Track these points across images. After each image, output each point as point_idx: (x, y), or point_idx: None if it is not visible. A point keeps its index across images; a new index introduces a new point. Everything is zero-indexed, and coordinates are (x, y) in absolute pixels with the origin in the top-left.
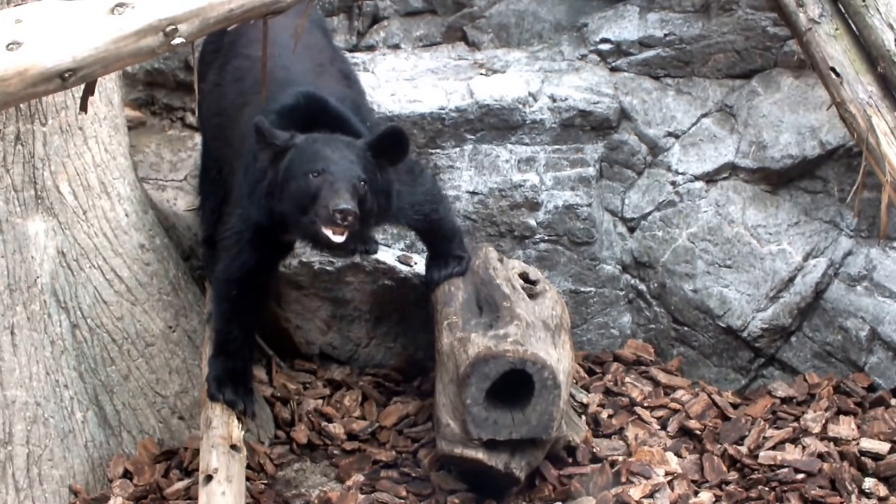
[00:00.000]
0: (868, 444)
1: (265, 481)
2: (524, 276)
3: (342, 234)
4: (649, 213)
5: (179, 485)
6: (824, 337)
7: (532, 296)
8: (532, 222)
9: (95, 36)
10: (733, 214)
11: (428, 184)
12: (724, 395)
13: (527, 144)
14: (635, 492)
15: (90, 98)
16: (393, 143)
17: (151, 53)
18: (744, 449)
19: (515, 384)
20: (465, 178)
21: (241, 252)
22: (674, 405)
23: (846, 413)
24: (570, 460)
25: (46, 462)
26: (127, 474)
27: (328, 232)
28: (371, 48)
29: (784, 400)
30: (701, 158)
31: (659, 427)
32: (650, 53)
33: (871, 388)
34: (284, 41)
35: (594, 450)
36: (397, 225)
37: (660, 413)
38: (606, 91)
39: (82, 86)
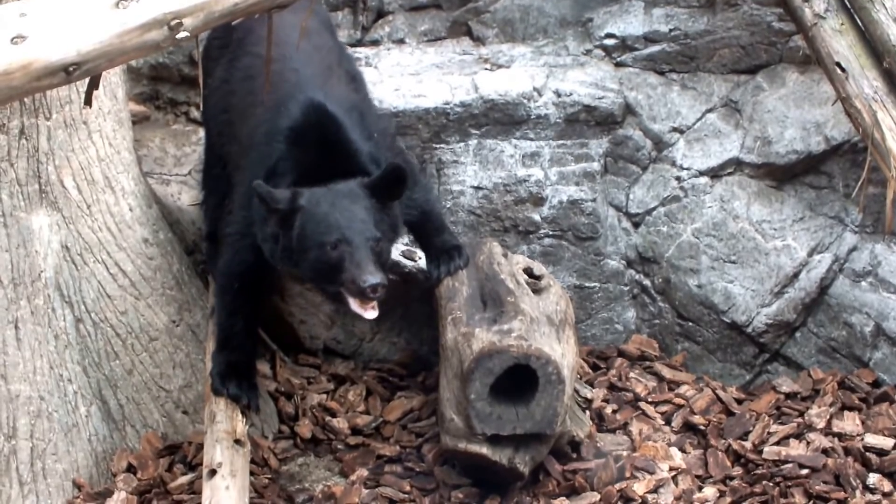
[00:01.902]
0: (872, 439)
1: (269, 476)
2: (528, 271)
3: (374, 308)
4: (654, 209)
5: (183, 479)
6: (829, 332)
7: (536, 291)
8: (536, 217)
9: (100, 30)
10: (738, 210)
11: (421, 179)
12: (728, 391)
13: (531, 139)
14: (639, 487)
15: (94, 92)
16: (394, 182)
17: (156, 48)
18: (748, 444)
19: (519, 379)
20: (469, 173)
21: (245, 249)
22: (678, 400)
23: (850, 409)
24: (574, 455)
25: (50, 456)
26: (130, 468)
27: (359, 309)
28: (375, 43)
29: (788, 395)
30: (706, 154)
31: (663, 422)
32: (655, 48)
33: (876, 383)
34: (294, 41)
35: (598, 445)
36: None
37: (664, 408)
38: (611, 86)
39: (87, 80)
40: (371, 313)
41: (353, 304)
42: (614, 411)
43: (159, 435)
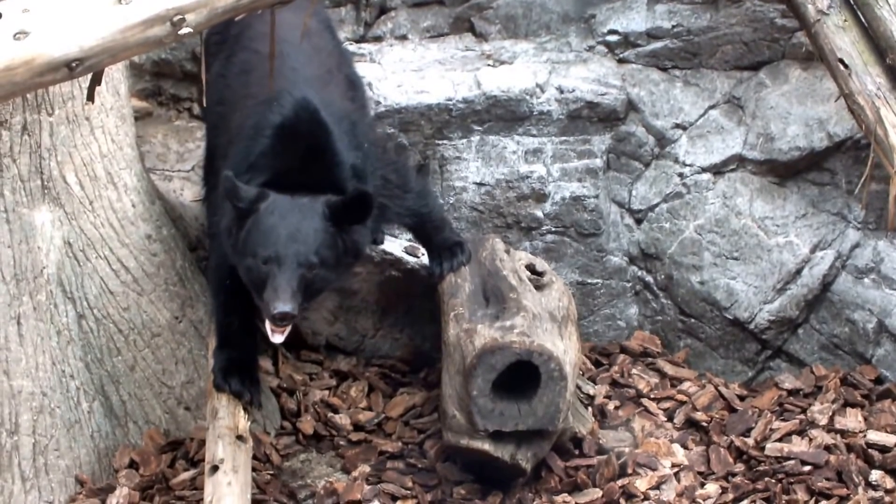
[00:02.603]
0: (875, 436)
1: (271, 472)
2: (531, 268)
3: (282, 334)
4: (656, 205)
5: (185, 475)
6: (831, 329)
7: (539, 287)
8: (539, 214)
9: (102, 25)
10: (740, 206)
11: (418, 186)
12: (730, 387)
13: (534, 136)
14: (641, 483)
15: (97, 88)
16: (356, 208)
17: (158, 43)
18: (750, 441)
19: (522, 375)
20: (472, 170)
21: None
22: (680, 397)
23: (853, 405)
24: (577, 452)
25: (52, 452)
26: (133, 464)
27: (269, 329)
28: (378, 39)
29: (791, 392)
30: (708, 150)
31: (665, 419)
32: (658, 45)
33: (878, 380)
34: (295, 40)
35: (600, 441)
36: (389, 227)
37: (666, 405)
38: (614, 82)
39: (89, 76)
40: (277, 337)
41: (266, 322)
42: (616, 408)
43: (161, 431)
